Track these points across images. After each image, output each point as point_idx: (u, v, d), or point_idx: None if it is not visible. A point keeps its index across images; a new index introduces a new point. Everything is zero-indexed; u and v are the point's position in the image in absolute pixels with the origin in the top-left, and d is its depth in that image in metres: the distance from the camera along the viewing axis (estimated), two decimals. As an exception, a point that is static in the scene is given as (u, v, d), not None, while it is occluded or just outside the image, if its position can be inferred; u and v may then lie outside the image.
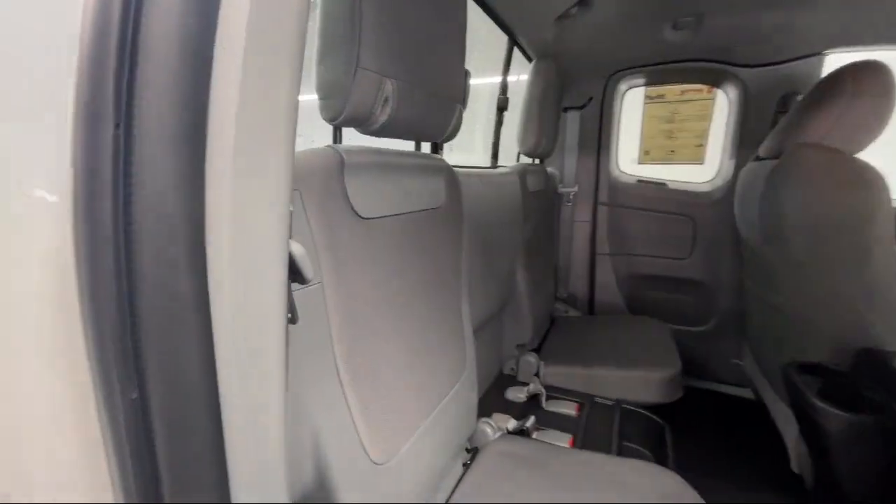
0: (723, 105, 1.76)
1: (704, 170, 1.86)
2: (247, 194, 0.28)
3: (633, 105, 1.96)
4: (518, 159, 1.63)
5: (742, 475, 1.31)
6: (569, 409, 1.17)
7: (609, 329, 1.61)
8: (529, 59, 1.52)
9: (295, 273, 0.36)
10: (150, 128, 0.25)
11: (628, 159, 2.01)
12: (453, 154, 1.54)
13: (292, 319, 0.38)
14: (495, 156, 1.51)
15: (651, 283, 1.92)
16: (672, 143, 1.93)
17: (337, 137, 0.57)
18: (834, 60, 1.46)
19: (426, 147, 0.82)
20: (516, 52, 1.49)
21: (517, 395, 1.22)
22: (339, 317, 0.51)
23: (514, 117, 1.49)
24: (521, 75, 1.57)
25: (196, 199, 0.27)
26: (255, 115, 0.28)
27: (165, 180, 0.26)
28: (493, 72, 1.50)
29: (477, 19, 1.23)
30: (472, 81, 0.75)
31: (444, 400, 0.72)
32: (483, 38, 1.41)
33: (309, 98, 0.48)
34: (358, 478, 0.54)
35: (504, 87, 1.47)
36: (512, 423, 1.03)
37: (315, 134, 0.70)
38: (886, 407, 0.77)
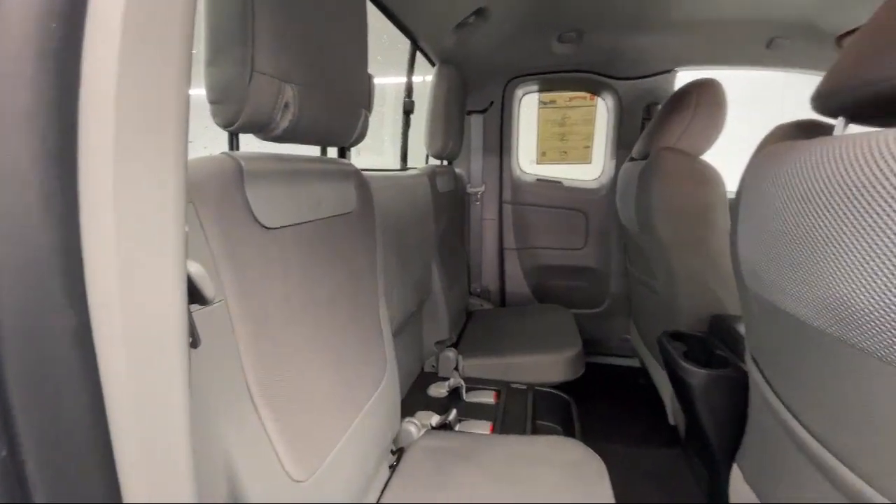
0: (603, 111, 1.99)
1: (593, 169, 2.09)
2: (132, 210, 0.25)
3: (530, 109, 2.13)
4: (427, 161, 1.67)
5: (631, 433, 1.51)
6: (487, 397, 1.23)
7: (520, 319, 1.74)
8: (432, 64, 1.56)
9: (194, 294, 0.33)
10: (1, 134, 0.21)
11: (528, 160, 2.17)
12: (362, 156, 1.52)
13: (193, 343, 0.35)
14: (404, 158, 1.53)
15: (553, 273, 2.11)
16: (564, 145, 2.13)
17: (233, 144, 0.53)
18: (683, 77, 1.74)
19: (333, 152, 0.81)
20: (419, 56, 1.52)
21: (439, 390, 1.25)
22: (248, 334, 0.48)
23: (419, 120, 1.52)
24: (426, 76, 1.61)
25: (68, 221, 0.23)
26: (139, 116, 0.24)
27: (27, 200, 0.22)
28: (398, 72, 1.51)
29: (380, 22, 1.23)
30: (378, 81, 0.75)
31: (366, 406, 0.72)
32: (386, 40, 1.42)
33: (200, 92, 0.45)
34: (279, 497, 0.52)
35: (409, 91, 1.49)
36: (435, 419, 1.06)
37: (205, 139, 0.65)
38: (732, 362, 0.95)
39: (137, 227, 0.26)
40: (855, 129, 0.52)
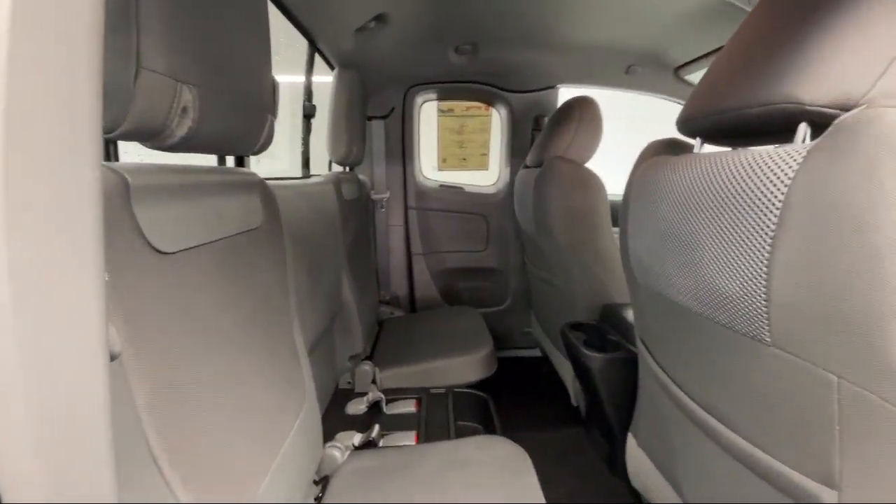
0: (497, 121, 2.13)
1: (490, 175, 2.21)
2: (26, 244, 0.19)
3: (431, 117, 2.17)
4: (330, 168, 1.60)
5: (540, 419, 1.63)
6: (408, 406, 1.22)
7: (431, 323, 1.76)
8: (331, 67, 1.50)
9: None
10: None
11: (430, 166, 2.22)
12: (262, 164, 1.39)
13: None
14: (307, 164, 1.44)
15: (459, 275, 2.18)
16: (463, 152, 2.22)
17: (111, 153, 0.44)
18: (564, 93, 1.95)
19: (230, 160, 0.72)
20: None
21: (358, 407, 1.20)
22: (148, 388, 0.40)
23: (317, 124, 1.44)
24: (324, 76, 1.53)
25: None
26: (38, 120, 0.19)
27: None
28: (290, 69, 1.42)
29: (275, 18, 1.14)
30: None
31: (287, 441, 0.65)
32: (283, 39, 1.32)
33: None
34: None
35: (309, 94, 1.40)
36: (358, 438, 1.01)
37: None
38: (623, 345, 1.09)
39: (32, 270, 0.20)
40: (709, 148, 0.64)
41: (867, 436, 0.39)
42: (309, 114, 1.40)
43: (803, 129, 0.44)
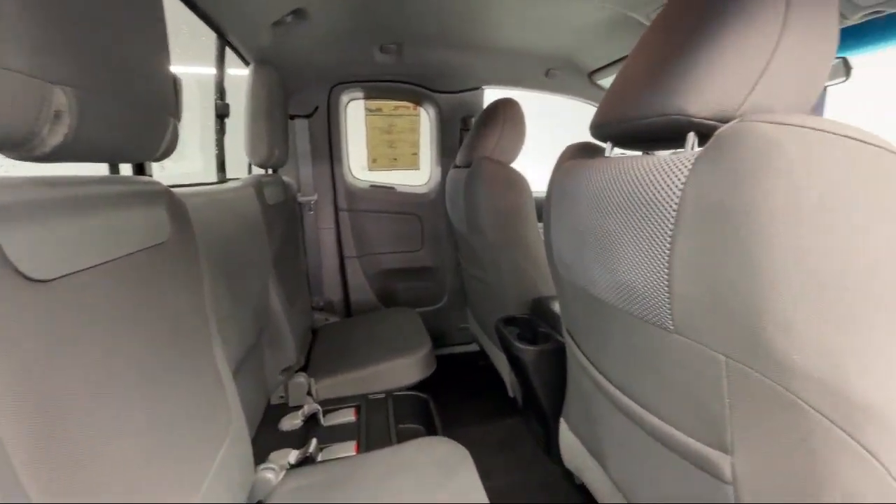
0: (426, 120, 2.13)
1: (421, 174, 2.21)
2: None
3: (358, 116, 2.12)
4: (249, 170, 1.49)
5: (480, 413, 1.68)
6: (347, 416, 1.19)
7: (368, 327, 1.72)
8: (246, 62, 1.40)
9: None
10: None
11: (359, 166, 2.16)
12: (166, 170, 1.26)
13: None
14: (222, 168, 1.33)
15: (395, 276, 2.16)
16: (394, 152, 2.20)
17: None
18: (490, 94, 2.00)
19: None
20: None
21: (293, 422, 1.14)
22: (28, 447, 0.34)
23: (236, 124, 1.34)
24: (233, 70, 1.43)
25: None
26: None
27: None
28: (193, 59, 1.30)
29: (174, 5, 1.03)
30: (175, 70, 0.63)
31: (210, 472, 0.60)
32: (186, 31, 1.20)
33: None
34: None
35: (221, 91, 1.30)
36: (294, 455, 0.96)
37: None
38: (553, 337, 1.16)
39: None
40: (619, 151, 0.70)
41: (751, 406, 0.45)
42: (222, 113, 1.30)
43: (692, 139, 0.49)
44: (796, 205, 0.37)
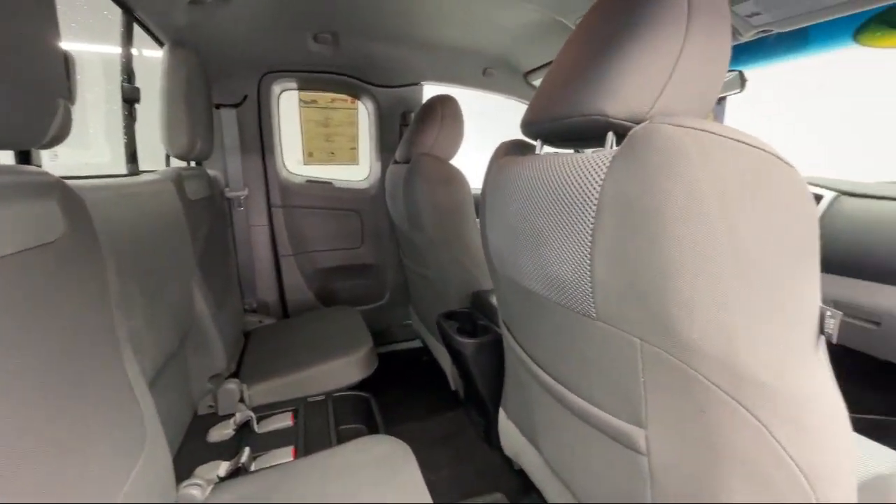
0: (365, 114, 2.09)
1: (361, 169, 2.16)
2: None
3: (293, 108, 2.02)
4: (168, 163, 1.37)
5: (423, 407, 1.69)
6: (284, 421, 1.14)
7: (306, 328, 1.66)
8: (160, 43, 1.28)
9: None
10: None
11: (295, 160, 2.07)
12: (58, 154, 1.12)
13: None
14: (133, 159, 1.20)
15: (335, 275, 2.10)
16: (331, 146, 2.13)
17: None
18: (429, 90, 2.01)
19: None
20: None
21: (223, 432, 1.07)
22: None
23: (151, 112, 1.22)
24: (143, 50, 1.30)
25: None
26: None
27: None
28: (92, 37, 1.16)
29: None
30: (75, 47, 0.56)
31: (120, 496, 0.54)
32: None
33: None
34: None
35: (129, 74, 1.17)
36: (223, 468, 0.90)
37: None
38: (491, 329, 1.19)
39: None
40: (549, 149, 0.73)
41: (662, 384, 0.50)
42: (131, 98, 1.17)
43: (611, 138, 0.53)
44: (694, 199, 0.42)
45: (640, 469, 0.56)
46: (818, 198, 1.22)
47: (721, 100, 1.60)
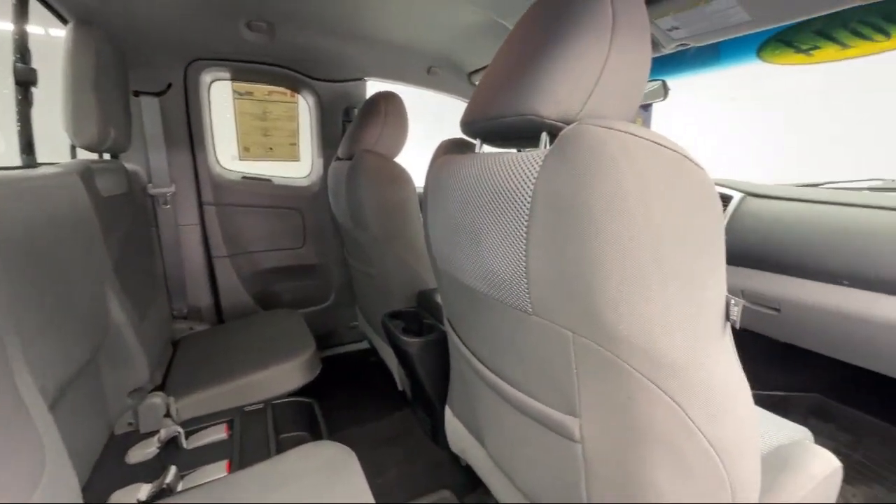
0: (305, 110, 2.00)
1: (303, 166, 2.07)
2: None
3: (226, 99, 1.89)
4: (74, 154, 1.22)
5: (371, 410, 1.66)
6: (217, 433, 1.06)
7: (243, 333, 1.56)
8: (63, 21, 1.14)
9: None
10: None
11: (229, 155, 1.94)
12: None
13: None
14: (28, 149, 1.06)
15: (276, 276, 2.00)
16: (269, 141, 2.02)
17: None
18: (373, 86, 1.97)
19: None
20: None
21: (144, 451, 0.98)
22: None
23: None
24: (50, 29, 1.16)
25: None
26: None
27: None
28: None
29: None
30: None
31: None
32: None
33: None
34: None
35: (24, 52, 1.03)
36: (144, 491, 0.83)
37: None
38: (437, 327, 1.19)
39: None
40: (489, 147, 0.74)
41: (592, 374, 0.52)
42: (26, 80, 1.03)
43: (544, 138, 0.54)
44: (618, 197, 0.44)
45: (574, 456, 0.59)
46: (728, 198, 1.35)
47: (647, 106, 1.72)
